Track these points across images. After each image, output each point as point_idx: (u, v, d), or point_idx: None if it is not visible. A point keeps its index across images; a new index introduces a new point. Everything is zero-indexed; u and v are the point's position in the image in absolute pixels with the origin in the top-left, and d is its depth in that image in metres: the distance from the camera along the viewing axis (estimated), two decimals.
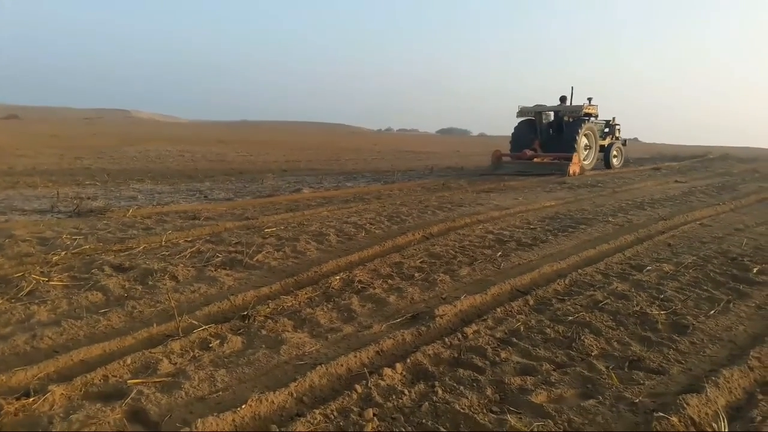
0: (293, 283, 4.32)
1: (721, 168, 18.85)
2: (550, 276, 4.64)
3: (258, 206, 8.29)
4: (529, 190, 11.04)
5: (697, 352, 3.18)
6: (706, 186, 12.35)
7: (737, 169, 18.64)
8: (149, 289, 4.09)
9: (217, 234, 6.05)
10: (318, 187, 11.30)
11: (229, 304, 3.77)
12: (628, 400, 2.56)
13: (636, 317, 3.69)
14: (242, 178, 12.91)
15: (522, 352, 3.13)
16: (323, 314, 3.66)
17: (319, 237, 5.88)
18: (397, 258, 5.14)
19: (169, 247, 5.37)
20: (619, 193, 10.82)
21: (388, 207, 8.24)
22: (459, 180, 13.12)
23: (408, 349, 3.13)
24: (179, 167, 15.41)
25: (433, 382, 2.70)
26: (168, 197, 9.39)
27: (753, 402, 2.57)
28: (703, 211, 8.32)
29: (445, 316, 3.59)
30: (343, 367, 2.81)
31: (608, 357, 3.09)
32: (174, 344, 3.09)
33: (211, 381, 2.71)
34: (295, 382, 2.60)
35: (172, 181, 11.98)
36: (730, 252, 5.57)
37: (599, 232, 6.59)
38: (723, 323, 3.63)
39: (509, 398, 2.59)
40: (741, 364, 2.89)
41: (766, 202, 9.83)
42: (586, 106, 16.57)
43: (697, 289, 4.32)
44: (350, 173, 15.20)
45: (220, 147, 27.52)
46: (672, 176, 15.02)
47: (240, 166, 16.42)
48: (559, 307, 3.85)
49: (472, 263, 5.02)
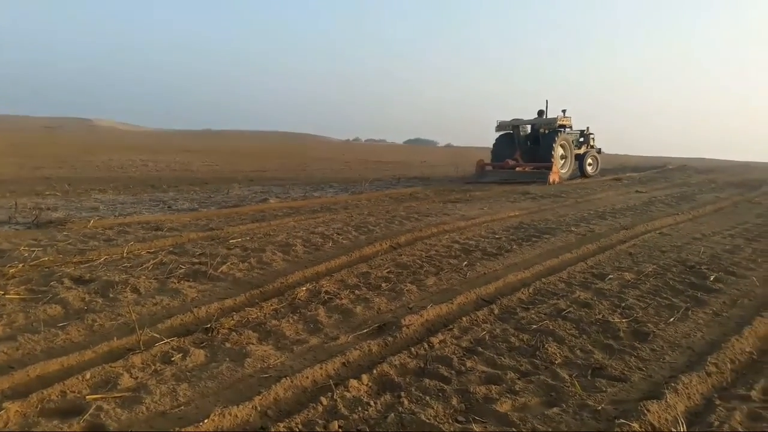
0: (258, 294, 4.28)
1: (680, 179, 19.38)
2: (515, 285, 4.69)
3: (223, 216, 8.19)
4: (494, 200, 11.17)
5: (658, 358, 3.25)
6: (665, 196, 12.67)
7: (695, 179, 19.20)
8: (110, 301, 4.01)
9: (180, 245, 5.96)
10: (285, 197, 11.24)
11: (192, 317, 3.71)
12: (591, 408, 2.60)
13: (598, 325, 3.75)
14: (207, 188, 12.76)
15: (487, 361, 3.15)
16: (289, 326, 3.63)
17: (286, 247, 5.83)
18: (364, 268, 5.13)
19: (131, 259, 5.27)
20: (581, 203, 11.02)
21: (356, 217, 8.24)
22: (426, 190, 13.21)
23: (374, 360, 3.12)
24: (142, 177, 15.16)
25: (399, 392, 2.70)
26: (130, 208, 9.22)
27: (711, 407, 2.63)
28: (662, 221, 8.53)
29: (411, 326, 3.59)
30: (309, 380, 2.79)
31: (571, 365, 3.13)
32: (135, 358, 3.02)
33: (173, 395, 2.65)
34: (259, 396, 2.57)
35: (135, 191, 11.78)
36: (688, 260, 5.72)
37: (562, 241, 6.71)
38: (682, 330, 3.72)
39: (474, 407, 2.60)
40: (699, 370, 2.96)
41: (722, 212, 10.14)
42: (561, 118, 17.54)
43: (657, 297, 4.43)
44: (318, 183, 15.16)
45: (185, 156, 27.17)
46: (633, 186, 15.37)
47: (205, 176, 16.24)
48: (524, 315, 3.90)
49: (439, 273, 5.05)
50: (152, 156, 25.77)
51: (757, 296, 4.54)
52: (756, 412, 2.58)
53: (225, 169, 19.97)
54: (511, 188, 13.85)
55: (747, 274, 5.21)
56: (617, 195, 12.81)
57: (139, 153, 27.89)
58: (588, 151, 18.84)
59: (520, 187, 14.06)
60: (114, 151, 28.99)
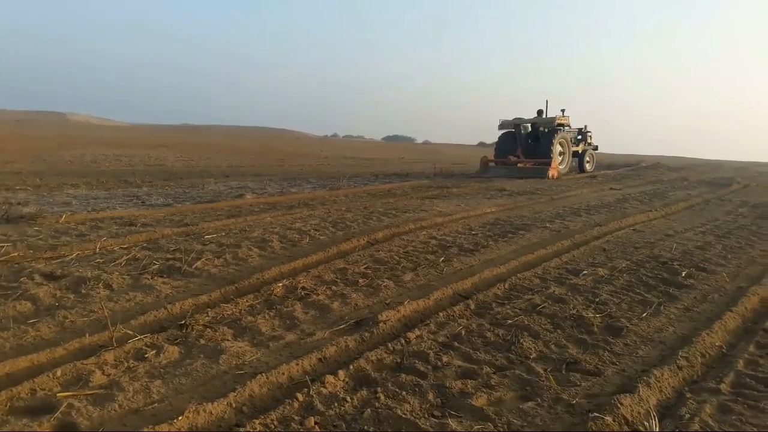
0: (234, 290, 4.24)
1: (653, 176, 19.69)
2: (491, 280, 4.72)
3: (198, 212, 8.10)
4: (471, 196, 11.23)
5: (631, 353, 3.30)
6: (639, 193, 12.87)
7: (668, 177, 19.52)
8: (82, 297, 3.93)
9: (154, 241, 5.88)
10: (261, 193, 11.15)
11: (166, 313, 3.66)
12: (566, 402, 2.63)
13: (573, 320, 3.80)
14: (182, 184, 12.60)
15: (463, 355, 3.17)
16: (265, 322, 3.60)
17: (262, 243, 5.79)
18: (341, 264, 5.12)
19: (104, 255, 5.18)
20: (556, 200, 11.14)
21: (333, 213, 8.21)
22: (404, 186, 13.22)
23: (351, 356, 3.12)
24: (116, 172, 14.91)
25: (376, 388, 2.70)
26: (104, 203, 9.07)
27: (682, 400, 2.68)
28: (636, 218, 8.67)
29: (388, 321, 3.60)
30: (285, 376, 2.78)
31: (546, 359, 3.17)
32: (107, 355, 2.98)
33: (147, 392, 2.62)
34: (234, 392, 2.55)
35: (109, 186, 11.58)
36: (661, 257, 5.82)
37: (537, 237, 6.77)
38: (654, 325, 3.78)
39: (450, 402, 2.61)
40: (671, 364, 3.02)
41: (694, 209, 10.33)
42: (560, 117, 19.09)
43: (631, 293, 4.50)
44: (295, 179, 15.07)
45: (160, 151, 26.81)
46: (607, 184, 15.57)
47: (180, 171, 16.04)
48: (499, 310, 3.93)
49: (416, 268, 5.06)
50: (127, 151, 25.37)
51: (727, 291, 4.63)
52: (725, 404, 2.64)
53: (201, 164, 19.75)
54: (487, 185, 13.93)
55: (717, 270, 5.32)
56: (592, 192, 12.97)
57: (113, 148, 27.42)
58: (586, 149, 20.35)
59: (497, 184, 14.15)
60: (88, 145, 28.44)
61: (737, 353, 3.30)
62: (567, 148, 19.33)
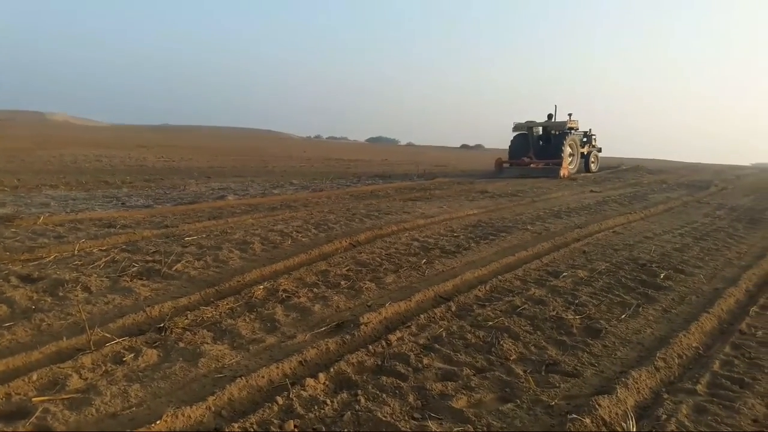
0: (214, 293, 4.21)
1: (633, 179, 19.90)
2: (472, 282, 4.74)
3: (179, 214, 8.03)
4: (454, 198, 11.27)
5: (609, 354, 3.34)
6: (618, 195, 13.00)
7: (647, 179, 19.75)
8: (59, 300, 3.89)
9: (133, 242, 5.82)
10: (243, 195, 11.09)
11: (145, 316, 3.62)
12: (545, 403, 2.65)
13: (552, 322, 3.83)
14: (163, 185, 12.49)
15: (444, 357, 3.18)
16: (245, 325, 3.58)
17: (243, 245, 5.76)
18: (323, 266, 5.11)
19: (82, 257, 5.12)
20: (537, 202, 11.22)
21: (316, 215, 8.19)
22: (387, 188, 13.23)
23: (332, 359, 3.11)
24: (96, 172, 14.72)
25: (356, 390, 2.70)
26: (83, 204, 8.96)
27: (659, 401, 2.71)
28: (615, 220, 8.76)
29: (370, 323, 3.60)
30: (264, 379, 2.76)
31: (526, 361, 3.19)
32: (85, 359, 2.95)
33: (124, 396, 2.59)
34: (213, 396, 2.53)
35: (88, 187, 11.43)
36: (640, 259, 5.89)
37: (518, 239, 6.82)
38: (633, 326, 3.82)
39: (431, 404, 2.62)
40: (648, 365, 3.05)
41: (672, 211, 10.46)
42: (569, 121, 20.69)
43: (610, 294, 4.54)
44: (278, 180, 15.00)
45: (140, 152, 26.52)
46: (587, 186, 15.71)
47: (161, 172, 15.89)
48: (480, 312, 3.95)
49: (398, 270, 5.07)
50: (107, 151, 25.07)
51: (704, 293, 4.70)
52: (701, 405, 2.67)
53: (182, 165, 19.57)
54: (469, 187, 14.00)
55: (695, 272, 5.40)
56: (572, 194, 13.08)
57: (93, 148, 27.08)
58: (591, 150, 22.18)
59: (479, 186, 14.23)
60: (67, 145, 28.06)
61: (713, 354, 3.35)
62: (576, 150, 21.01)
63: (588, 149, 22.14)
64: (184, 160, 22.55)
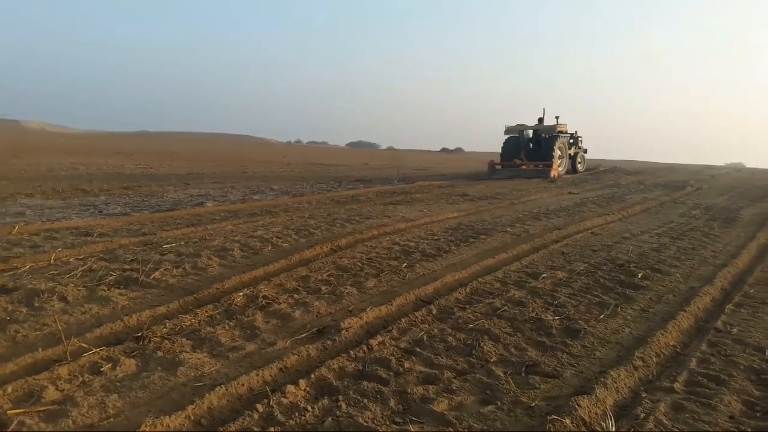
0: (193, 301, 4.17)
1: (611, 180, 20.14)
2: (452, 285, 4.76)
3: (157, 221, 7.95)
4: (434, 202, 11.30)
5: (588, 355, 3.37)
6: (596, 197, 13.14)
7: (624, 181, 20.01)
8: (35, 311, 3.82)
9: (111, 251, 5.74)
10: (223, 201, 11.01)
11: (123, 325, 3.57)
12: (525, 405, 2.66)
13: (532, 323, 3.86)
14: (141, 192, 12.35)
15: (425, 361, 3.18)
16: (224, 332, 3.55)
17: (222, 252, 5.71)
18: (304, 272, 5.09)
19: (59, 266, 5.03)
20: (516, 204, 11.30)
21: (297, 220, 8.15)
22: (368, 192, 13.23)
23: (313, 365, 3.10)
24: (72, 180, 14.49)
25: (337, 396, 2.69)
26: (59, 213, 8.82)
27: (637, 400, 2.75)
28: (594, 221, 8.85)
29: (351, 328, 3.59)
30: (245, 387, 2.74)
31: (506, 363, 3.21)
32: (61, 369, 2.90)
33: (102, 407, 2.56)
34: (192, 405, 2.50)
35: (65, 195, 11.26)
36: (617, 259, 5.95)
37: (498, 241, 6.86)
38: (611, 326, 3.86)
39: (412, 408, 2.62)
40: (627, 365, 3.09)
41: (649, 212, 10.61)
42: (559, 125, 22.13)
43: (588, 295, 4.59)
44: (258, 186, 14.92)
45: (118, 159, 26.23)
46: (566, 188, 15.87)
47: (139, 179, 15.71)
48: (461, 315, 3.96)
49: (379, 275, 5.06)
50: (84, 158, 24.72)
51: (681, 292, 4.77)
52: (679, 403, 2.71)
53: (160, 172, 19.37)
54: (450, 190, 14.06)
55: (672, 271, 5.48)
56: (551, 196, 13.19)
57: (70, 155, 26.69)
58: (577, 152, 23.61)
59: (459, 189, 14.31)
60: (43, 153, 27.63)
61: (690, 352, 3.40)
62: (564, 152, 22.35)
63: (575, 150, 23.47)
64: (162, 166, 22.33)
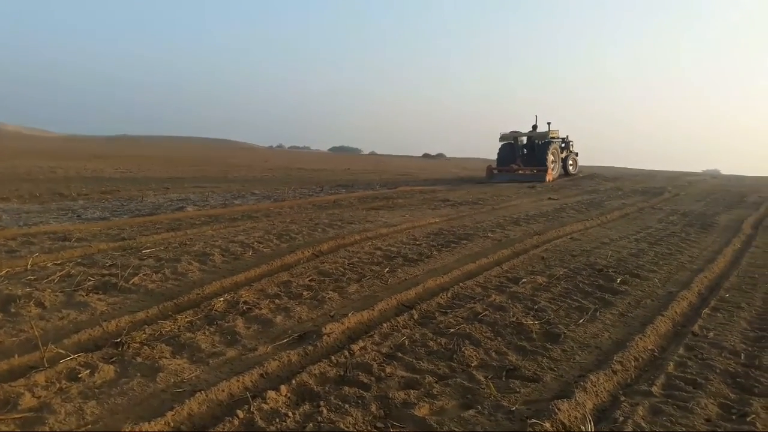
0: (172, 306, 4.13)
1: (590, 186, 20.30)
2: (434, 290, 4.78)
3: (136, 226, 7.86)
4: (416, 207, 11.33)
5: (568, 359, 3.40)
6: (576, 203, 13.25)
7: (603, 187, 20.18)
8: (11, 317, 3.77)
9: (89, 256, 5.67)
10: (203, 205, 10.93)
11: (101, 331, 3.53)
12: (506, 409, 2.68)
13: (512, 327, 3.88)
14: (120, 196, 12.21)
15: (406, 366, 3.19)
16: (205, 338, 3.52)
17: (203, 257, 5.67)
18: (285, 277, 5.07)
19: (36, 271, 4.96)
20: (497, 209, 11.36)
21: (278, 225, 8.12)
22: (350, 197, 13.22)
23: (294, 370, 3.09)
24: (50, 185, 14.28)
25: (319, 402, 2.69)
26: (36, 217, 8.69)
27: (616, 404, 2.78)
28: (573, 226, 8.94)
29: (332, 334, 3.58)
30: (225, 393, 2.72)
31: (487, 367, 3.22)
32: (38, 376, 2.86)
33: (80, 414, 2.52)
34: (172, 411, 2.48)
35: (42, 199, 11.10)
36: (596, 264, 6.02)
37: (479, 246, 6.89)
38: (591, 331, 3.90)
39: (393, 413, 2.62)
40: (606, 369, 3.12)
41: (628, 218, 10.73)
42: (552, 131, 23.69)
43: (568, 300, 4.63)
44: (239, 190, 14.83)
45: (97, 163, 25.89)
46: (546, 194, 15.98)
47: (118, 183, 15.53)
48: (442, 320, 3.98)
49: (361, 280, 5.06)
50: (62, 162, 24.38)
51: (659, 297, 4.84)
52: (657, 406, 2.75)
53: (139, 176, 19.17)
54: (431, 196, 14.11)
55: (650, 276, 5.55)
56: (531, 202, 13.28)
57: (47, 159, 26.30)
58: (569, 155, 24.92)
59: (441, 194, 14.37)
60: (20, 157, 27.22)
61: (668, 356, 3.45)
62: (557, 157, 23.72)
63: (566, 154, 24.84)
64: (141, 170, 22.11)
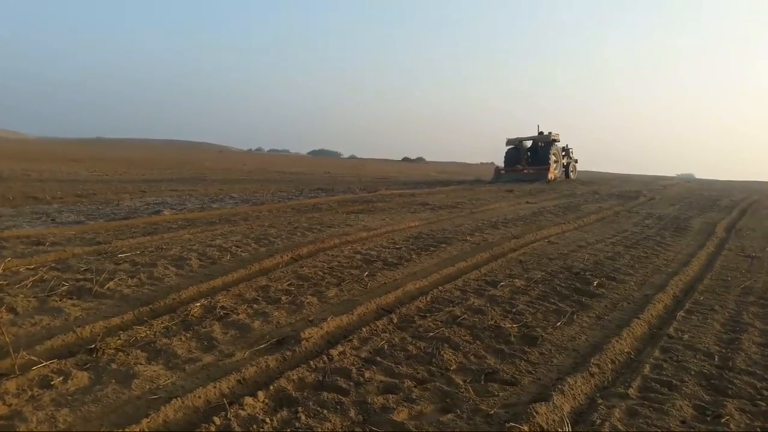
0: (148, 311, 4.07)
1: (567, 190, 20.52)
2: (413, 294, 4.78)
3: (112, 229, 7.75)
4: (396, 211, 11.33)
5: (546, 362, 3.42)
6: (553, 206, 13.36)
7: (580, 191, 20.42)
8: None
9: (63, 260, 5.57)
10: (180, 209, 10.81)
11: (75, 337, 3.47)
12: (484, 412, 2.68)
13: (491, 331, 3.90)
14: (95, 200, 12.02)
15: (385, 370, 3.18)
16: (181, 344, 3.48)
17: (179, 261, 5.60)
18: (263, 281, 5.03)
19: (8, 276, 4.86)
20: (476, 213, 11.42)
21: (256, 229, 8.06)
22: (329, 201, 13.18)
23: (272, 376, 3.06)
24: (24, 188, 14.01)
25: (297, 407, 2.67)
26: (9, 221, 8.52)
27: (594, 406, 2.80)
28: (550, 230, 9.01)
29: (311, 339, 3.56)
30: (201, 399, 2.69)
31: (466, 370, 3.23)
32: (9, 384, 2.80)
33: (52, 422, 2.47)
34: (147, 418, 2.44)
35: (15, 203, 10.89)
36: (574, 267, 6.08)
37: (458, 250, 6.92)
38: (568, 333, 3.93)
39: (372, 418, 2.61)
40: (583, 372, 3.15)
41: (604, 221, 10.86)
42: (552, 134, 26.49)
43: (546, 303, 4.67)
44: (217, 194, 14.71)
45: (72, 166, 25.49)
46: (523, 198, 16.11)
47: (93, 187, 15.30)
48: (421, 323, 3.98)
49: (340, 284, 5.04)
50: (36, 165, 23.96)
51: (635, 299, 4.89)
52: (633, 408, 2.77)
53: (115, 179, 18.92)
54: (411, 199, 14.13)
55: (626, 279, 5.62)
56: (509, 206, 13.38)
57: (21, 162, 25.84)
58: (569, 161, 27.98)
59: (420, 198, 14.41)
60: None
61: (644, 358, 3.48)
62: (559, 157, 26.41)
63: (567, 160, 27.72)
64: (117, 173, 21.82)
